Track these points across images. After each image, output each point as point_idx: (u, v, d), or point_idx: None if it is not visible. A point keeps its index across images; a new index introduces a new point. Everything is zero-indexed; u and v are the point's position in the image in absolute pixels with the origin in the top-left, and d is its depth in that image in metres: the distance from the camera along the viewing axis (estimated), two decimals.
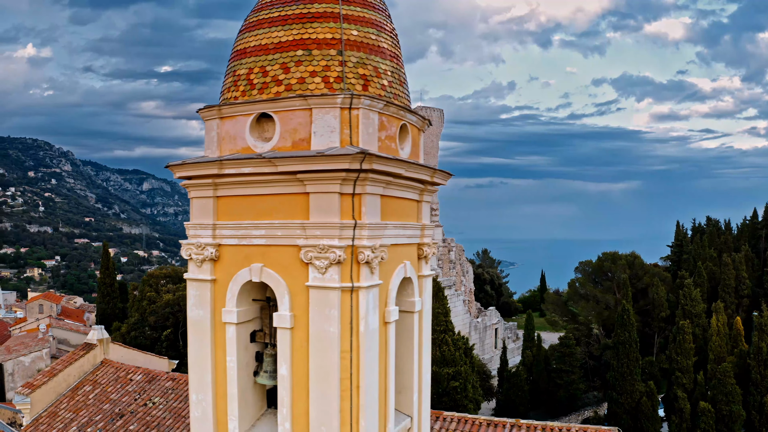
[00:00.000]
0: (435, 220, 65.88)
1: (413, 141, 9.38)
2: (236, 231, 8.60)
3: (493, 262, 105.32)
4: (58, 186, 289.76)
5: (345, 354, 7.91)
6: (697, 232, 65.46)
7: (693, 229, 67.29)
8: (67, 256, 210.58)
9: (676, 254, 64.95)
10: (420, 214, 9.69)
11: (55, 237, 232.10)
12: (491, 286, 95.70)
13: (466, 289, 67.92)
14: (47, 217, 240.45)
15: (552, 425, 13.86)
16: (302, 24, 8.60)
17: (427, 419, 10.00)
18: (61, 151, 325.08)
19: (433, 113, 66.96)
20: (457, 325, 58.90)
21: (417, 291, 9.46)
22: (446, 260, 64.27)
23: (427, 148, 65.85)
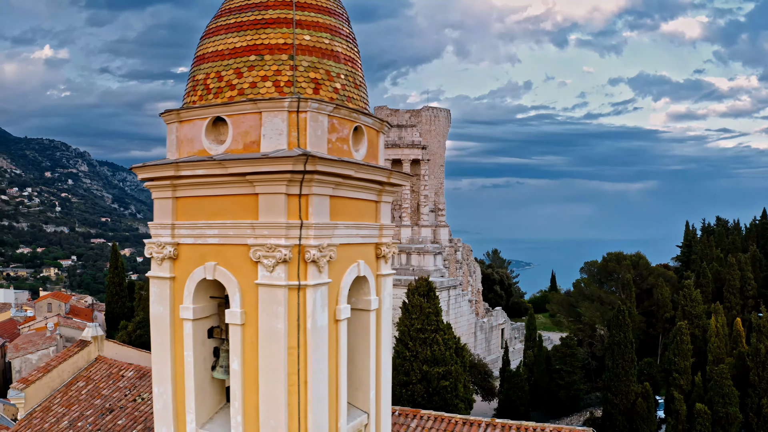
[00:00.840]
0: (441, 220, 65.96)
1: (369, 142, 9.60)
2: (192, 230, 8.90)
3: (503, 262, 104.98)
4: (74, 186, 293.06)
5: (292, 350, 8.15)
6: (707, 232, 64.81)
7: (702, 230, 66.61)
8: (83, 256, 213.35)
9: (685, 255, 64.41)
10: (379, 215, 9.89)
11: (71, 237, 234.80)
12: (501, 286, 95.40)
13: (473, 290, 67.87)
14: (64, 217, 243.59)
15: (527, 425, 13.98)
16: (256, 30, 8.88)
17: (387, 416, 10.20)
18: (78, 151, 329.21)
19: (439, 113, 67.03)
20: (462, 324, 58.95)
21: (373, 290, 9.67)
22: (453, 260, 64.30)
23: (433, 148, 65.97)
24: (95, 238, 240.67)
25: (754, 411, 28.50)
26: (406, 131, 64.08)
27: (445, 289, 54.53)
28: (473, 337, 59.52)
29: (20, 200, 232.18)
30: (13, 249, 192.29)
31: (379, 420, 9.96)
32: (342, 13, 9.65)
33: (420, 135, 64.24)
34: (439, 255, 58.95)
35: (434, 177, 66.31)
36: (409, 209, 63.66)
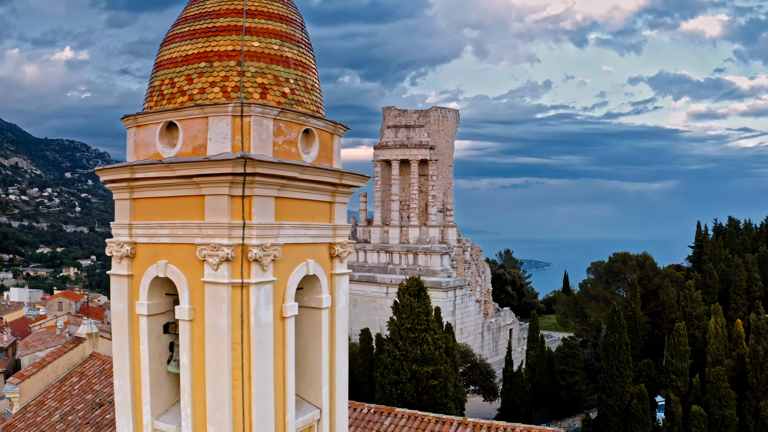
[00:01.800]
0: (449, 220, 66.01)
1: (322, 145, 9.88)
2: (147, 230, 9.29)
3: (516, 263, 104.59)
4: (94, 186, 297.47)
5: (236, 345, 8.47)
6: (718, 232, 64.00)
7: (714, 230, 65.81)
8: (103, 255, 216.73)
9: (697, 255, 63.67)
10: (333, 215, 10.16)
11: (91, 237, 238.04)
12: (513, 286, 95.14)
13: (482, 290, 67.81)
14: (83, 217, 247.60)
15: (497, 424, 14.13)
16: (207, 38, 9.23)
17: (342, 412, 10.45)
18: (98, 152, 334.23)
19: (448, 114, 67.12)
20: (469, 324, 58.99)
21: (326, 288, 9.94)
22: (461, 260, 64.32)
23: (441, 149, 66.06)
24: None
25: (752, 413, 28.17)
26: (414, 131, 64.28)
27: (451, 289, 54.66)
28: (480, 337, 59.52)
29: (40, 200, 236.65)
30: (33, 249, 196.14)
31: (333, 416, 10.23)
32: (295, 19, 9.96)
33: (428, 135, 64.38)
34: (446, 255, 59.03)
35: (443, 177, 66.39)
36: (417, 209, 63.85)
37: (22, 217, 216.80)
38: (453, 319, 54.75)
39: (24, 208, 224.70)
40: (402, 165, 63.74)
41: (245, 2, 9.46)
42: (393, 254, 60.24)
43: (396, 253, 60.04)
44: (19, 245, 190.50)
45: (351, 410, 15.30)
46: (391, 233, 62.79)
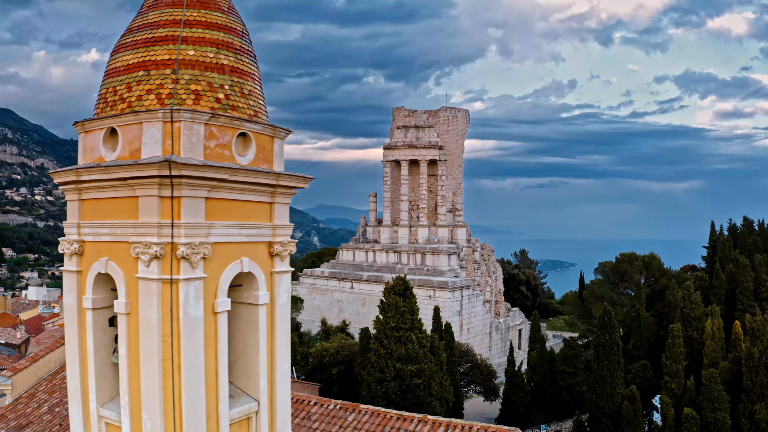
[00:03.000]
0: (459, 220, 66.08)
1: (260, 148, 10.34)
2: (92, 229, 9.88)
3: (531, 263, 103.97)
4: None
5: (166, 338, 8.98)
6: (732, 232, 62.87)
7: (729, 230, 64.66)
8: None
9: (710, 256, 62.61)
10: (273, 215, 10.62)
11: None
12: (527, 286, 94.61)
13: (492, 290, 67.73)
14: None
15: (456, 422, 14.40)
16: (146, 48, 9.78)
17: (283, 405, 10.83)
18: None
19: (457, 114, 67.20)
20: (476, 324, 59.01)
21: (263, 285, 10.39)
22: (470, 261, 64.33)
23: (451, 149, 66.15)
24: None
25: (746, 416, 27.81)
26: (423, 132, 64.53)
27: (457, 289, 54.78)
28: (488, 338, 59.51)
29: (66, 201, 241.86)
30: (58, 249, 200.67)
31: (273, 408, 10.66)
32: (235, 27, 10.44)
33: (438, 135, 64.56)
34: (454, 255, 59.15)
35: (452, 177, 66.49)
36: (427, 209, 64.08)
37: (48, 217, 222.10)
38: (459, 319, 54.90)
39: (50, 208, 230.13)
40: (411, 165, 64.04)
41: (184, 13, 9.99)
42: (401, 254, 60.58)
43: (404, 253, 60.37)
44: (45, 245, 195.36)
45: (318, 406, 15.75)
46: (400, 233, 63.13)
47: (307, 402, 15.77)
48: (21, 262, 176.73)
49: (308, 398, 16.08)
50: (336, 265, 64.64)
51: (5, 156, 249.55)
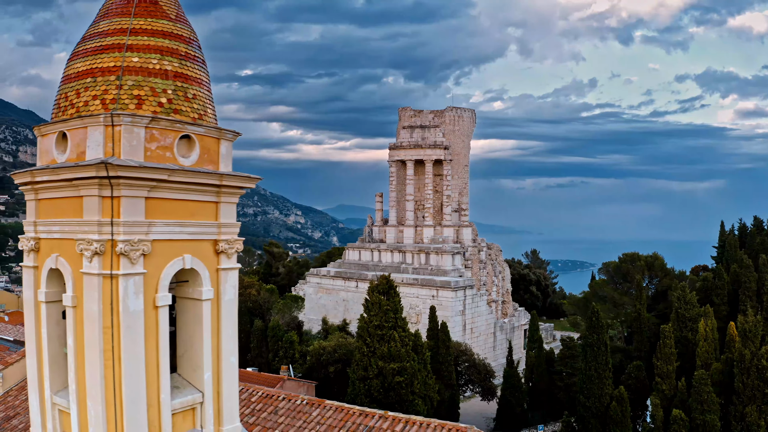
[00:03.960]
0: (464, 220, 66.15)
1: (204, 150, 10.83)
2: (46, 227, 10.47)
3: (542, 263, 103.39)
4: None
5: (107, 330, 9.52)
6: (742, 232, 61.89)
7: (739, 230, 63.67)
8: None
9: (719, 256, 61.78)
10: (218, 214, 11.10)
11: None
12: (537, 287, 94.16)
13: (498, 290, 67.66)
14: None
15: (414, 419, 14.68)
16: (94, 56, 10.34)
17: (230, 397, 11.25)
18: None
19: (463, 113, 67.25)
20: (479, 324, 59.06)
21: (207, 282, 10.87)
22: (476, 260, 64.34)
23: (457, 149, 66.24)
24: None
25: (737, 419, 27.57)
26: (429, 132, 64.75)
27: (461, 289, 54.91)
28: (492, 337, 59.51)
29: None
30: None
31: (218, 400, 11.12)
32: (181, 35, 10.95)
33: (443, 135, 64.73)
34: (458, 255, 59.27)
35: (458, 177, 66.58)
36: (432, 209, 64.27)
37: None
38: (462, 319, 55.04)
39: None
40: (417, 165, 64.29)
41: (131, 22, 10.53)
42: (406, 254, 60.88)
43: (409, 253, 60.66)
44: None
45: (286, 401, 16.21)
46: (405, 233, 63.43)
47: (276, 397, 16.24)
48: None
49: (277, 393, 16.56)
50: (342, 265, 65.18)
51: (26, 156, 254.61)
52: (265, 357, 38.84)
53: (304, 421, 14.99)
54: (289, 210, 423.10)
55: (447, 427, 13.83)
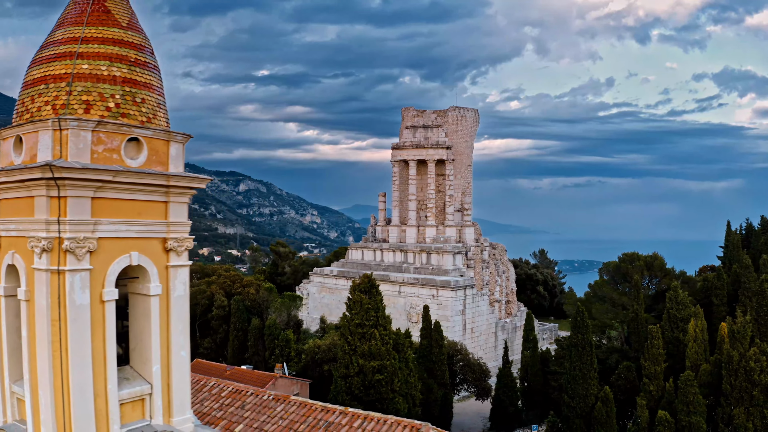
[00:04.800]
0: (467, 220, 66.28)
1: (153, 151, 11.35)
2: (4, 225, 11.08)
3: (550, 263, 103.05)
4: None
5: (55, 322, 10.08)
6: (749, 232, 61.32)
7: (746, 230, 63.07)
8: None
9: (725, 256, 61.25)
10: (168, 213, 11.61)
11: None
12: (544, 286, 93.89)
13: (501, 289, 67.70)
14: None
15: (372, 415, 15.08)
16: (48, 64, 10.93)
17: (181, 390, 11.71)
18: None
19: (466, 113, 67.40)
20: (480, 324, 59.20)
21: (155, 278, 11.38)
22: (478, 260, 64.47)
23: (460, 148, 66.40)
24: None
25: (725, 421, 27.41)
26: (431, 131, 65.01)
27: (461, 288, 55.11)
28: (494, 337, 59.61)
29: None
30: None
31: (168, 392, 11.61)
32: (132, 42, 11.48)
33: (446, 135, 64.95)
34: (459, 255, 59.45)
35: (461, 177, 66.73)
36: (434, 209, 64.51)
37: None
38: (463, 318, 55.24)
39: None
40: (419, 165, 64.59)
41: (83, 30, 11.09)
42: (408, 253, 61.21)
43: (410, 253, 60.99)
44: None
45: (254, 396, 16.70)
46: (408, 233, 63.77)
47: (244, 393, 16.75)
48: None
49: (246, 389, 17.05)
50: (345, 264, 65.70)
51: None
52: (262, 355, 39.45)
53: (268, 415, 15.46)
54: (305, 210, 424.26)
55: (403, 423, 14.20)
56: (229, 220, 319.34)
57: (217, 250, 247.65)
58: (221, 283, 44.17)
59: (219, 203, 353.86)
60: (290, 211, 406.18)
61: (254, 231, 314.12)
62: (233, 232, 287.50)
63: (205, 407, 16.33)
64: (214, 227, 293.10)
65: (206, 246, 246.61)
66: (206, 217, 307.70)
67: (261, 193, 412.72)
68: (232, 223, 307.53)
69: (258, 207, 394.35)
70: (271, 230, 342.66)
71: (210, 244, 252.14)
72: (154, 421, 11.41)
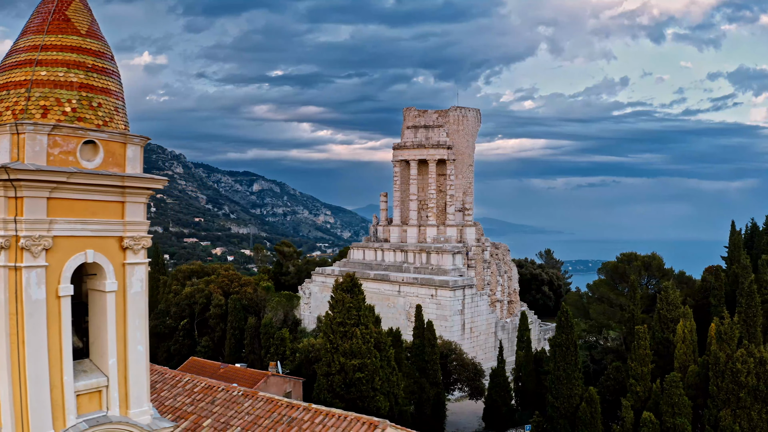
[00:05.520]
0: (468, 220, 66.41)
1: (109, 154, 11.83)
2: None
3: (556, 263, 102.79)
4: (169, 188, 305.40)
5: (12, 316, 10.59)
6: (753, 232, 60.69)
7: (750, 230, 62.43)
8: (176, 254, 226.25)
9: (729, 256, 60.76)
10: (124, 213, 12.08)
11: (164, 236, 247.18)
12: (550, 286, 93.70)
13: (503, 289, 67.77)
14: (158, 217, 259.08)
15: (334, 412, 15.45)
16: (10, 71, 11.48)
17: (138, 383, 12.21)
18: (174, 154, 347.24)
19: (468, 113, 67.54)
20: (479, 324, 59.34)
21: (111, 275, 11.85)
22: (479, 260, 64.59)
23: (461, 148, 66.56)
24: (188, 237, 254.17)
25: (711, 423, 27.26)
26: (432, 131, 65.24)
27: (459, 288, 55.30)
28: (493, 337, 59.70)
29: None
30: None
31: (125, 384, 12.09)
32: (90, 48, 11.98)
33: (447, 135, 65.15)
34: (459, 254, 59.64)
35: (462, 177, 66.89)
36: (435, 209, 64.75)
37: None
38: (461, 318, 55.43)
39: None
40: (420, 165, 64.85)
41: (43, 39, 11.60)
42: (408, 253, 61.51)
43: (411, 252, 61.28)
44: None
45: (224, 392, 17.15)
46: (409, 232, 64.06)
47: (216, 388, 17.23)
48: None
49: (218, 385, 17.52)
50: (347, 264, 66.16)
51: None
52: (258, 353, 39.99)
53: (235, 410, 15.92)
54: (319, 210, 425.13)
55: (361, 420, 14.57)
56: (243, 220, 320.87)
57: (230, 250, 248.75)
58: (219, 283, 44.83)
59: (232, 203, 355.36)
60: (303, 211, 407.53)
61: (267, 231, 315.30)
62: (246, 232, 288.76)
63: (177, 402, 16.82)
64: (228, 227, 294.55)
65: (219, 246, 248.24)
66: (219, 217, 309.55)
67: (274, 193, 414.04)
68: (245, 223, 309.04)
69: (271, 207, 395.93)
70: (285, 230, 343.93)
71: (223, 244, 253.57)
72: (110, 412, 11.89)
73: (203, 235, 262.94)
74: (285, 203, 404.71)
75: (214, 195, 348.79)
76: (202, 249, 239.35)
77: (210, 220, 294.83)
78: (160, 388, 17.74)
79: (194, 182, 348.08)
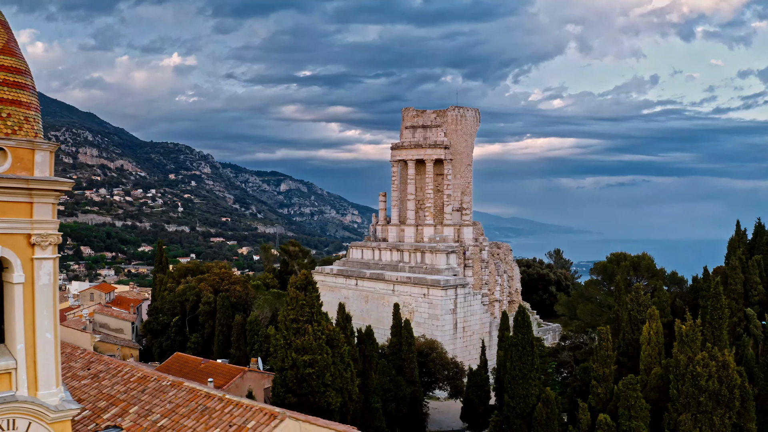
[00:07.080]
0: (466, 219, 66.76)
1: (17, 159, 13.00)
2: None
3: (565, 263, 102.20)
4: (197, 188, 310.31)
5: None
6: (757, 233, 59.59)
7: (756, 230, 61.28)
8: (202, 254, 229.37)
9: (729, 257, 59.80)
10: (33, 213, 13.22)
11: (191, 236, 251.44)
12: (557, 287, 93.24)
13: (502, 289, 67.92)
14: (185, 217, 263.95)
15: (243, 402, 16.45)
16: None
17: (45, 367, 13.38)
18: (202, 154, 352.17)
19: (466, 113, 67.87)
20: (473, 323, 59.67)
21: (19, 268, 13.02)
22: (477, 260, 64.92)
23: (459, 148, 66.96)
24: (215, 237, 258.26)
25: (671, 428, 26.86)
26: (430, 131, 65.80)
27: (451, 288, 55.76)
28: (488, 336, 59.94)
29: (144, 201, 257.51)
30: (135, 247, 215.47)
31: (33, 368, 13.28)
32: (2, 64, 13.14)
33: (445, 135, 65.62)
34: (453, 254, 60.08)
35: (461, 176, 67.25)
36: (433, 208, 65.28)
37: (126, 217, 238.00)
38: (453, 317, 55.88)
39: (128, 208, 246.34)
40: (418, 165, 65.47)
41: None
42: (404, 252, 62.19)
43: (406, 252, 61.95)
44: (122, 244, 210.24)
45: (155, 382, 18.28)
46: (407, 232, 64.73)
47: (149, 378, 18.38)
48: (98, 260, 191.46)
49: (151, 375, 18.66)
50: (346, 263, 67.18)
51: (86, 158, 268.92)
52: (243, 350, 41.25)
53: (160, 399, 17.05)
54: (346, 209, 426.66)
55: (264, 411, 15.50)
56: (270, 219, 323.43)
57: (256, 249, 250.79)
58: (210, 281, 46.24)
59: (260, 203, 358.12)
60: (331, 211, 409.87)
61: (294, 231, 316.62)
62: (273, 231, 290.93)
63: (114, 390, 18.01)
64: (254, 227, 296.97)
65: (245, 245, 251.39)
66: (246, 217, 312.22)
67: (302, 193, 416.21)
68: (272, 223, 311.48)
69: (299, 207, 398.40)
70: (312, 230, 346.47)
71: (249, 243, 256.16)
72: (18, 393, 13.05)
73: (230, 235, 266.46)
74: (312, 203, 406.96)
75: (242, 195, 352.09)
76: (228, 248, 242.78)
77: (237, 219, 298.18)
78: (103, 377, 18.99)
79: (222, 182, 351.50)
